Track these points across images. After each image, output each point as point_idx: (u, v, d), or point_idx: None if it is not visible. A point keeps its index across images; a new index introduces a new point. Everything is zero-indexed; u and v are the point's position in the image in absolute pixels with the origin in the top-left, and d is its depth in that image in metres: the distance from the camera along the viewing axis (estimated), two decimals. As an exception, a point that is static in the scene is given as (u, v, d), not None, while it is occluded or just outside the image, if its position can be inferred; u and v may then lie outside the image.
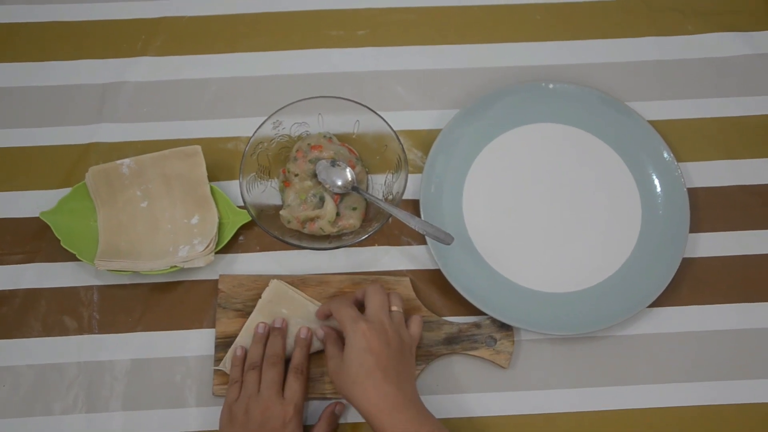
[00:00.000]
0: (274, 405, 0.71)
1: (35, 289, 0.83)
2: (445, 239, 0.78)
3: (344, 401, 0.77)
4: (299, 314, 0.79)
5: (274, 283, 0.80)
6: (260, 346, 0.77)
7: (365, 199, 0.83)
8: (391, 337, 0.71)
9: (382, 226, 0.80)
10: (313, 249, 0.80)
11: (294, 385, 0.73)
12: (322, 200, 0.82)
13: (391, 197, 0.82)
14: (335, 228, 0.81)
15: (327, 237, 0.82)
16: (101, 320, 0.82)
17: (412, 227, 0.79)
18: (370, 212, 0.85)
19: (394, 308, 0.74)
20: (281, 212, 0.82)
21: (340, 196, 0.83)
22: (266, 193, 0.84)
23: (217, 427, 0.76)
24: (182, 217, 0.84)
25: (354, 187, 0.82)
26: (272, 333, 0.78)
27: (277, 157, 0.85)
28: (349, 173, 0.82)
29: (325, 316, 0.77)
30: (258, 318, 0.79)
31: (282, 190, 0.85)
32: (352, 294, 0.78)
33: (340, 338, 0.74)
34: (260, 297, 0.80)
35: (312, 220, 0.81)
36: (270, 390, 0.72)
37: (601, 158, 0.88)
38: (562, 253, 0.84)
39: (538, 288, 0.83)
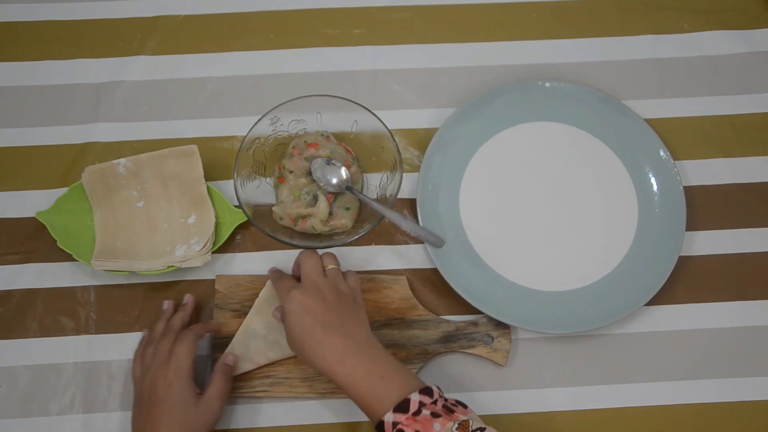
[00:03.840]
0: (158, 372, 0.72)
1: (32, 289, 0.82)
2: (437, 243, 0.78)
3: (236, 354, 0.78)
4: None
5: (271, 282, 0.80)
6: (164, 322, 0.78)
7: (359, 200, 0.83)
8: (327, 292, 0.71)
9: (374, 227, 0.79)
10: (303, 248, 0.80)
11: (175, 349, 0.73)
12: (315, 198, 0.82)
13: (385, 198, 0.82)
14: (327, 227, 0.81)
15: (318, 236, 0.82)
16: (98, 320, 0.82)
17: (404, 230, 0.79)
18: (364, 213, 0.84)
19: (329, 267, 0.74)
20: (274, 208, 0.82)
21: (334, 195, 0.83)
22: (261, 188, 0.84)
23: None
24: (179, 216, 0.84)
25: (348, 187, 0.82)
26: (179, 309, 0.80)
27: (274, 154, 0.85)
28: (343, 172, 0.82)
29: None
30: (255, 318, 0.79)
31: (276, 187, 0.85)
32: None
33: None
34: (257, 297, 0.80)
35: (304, 217, 0.81)
36: (156, 359, 0.73)
37: (597, 157, 0.88)
38: (559, 252, 0.84)
39: (535, 286, 0.83)
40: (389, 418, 0.63)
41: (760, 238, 0.86)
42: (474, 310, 0.81)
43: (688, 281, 0.84)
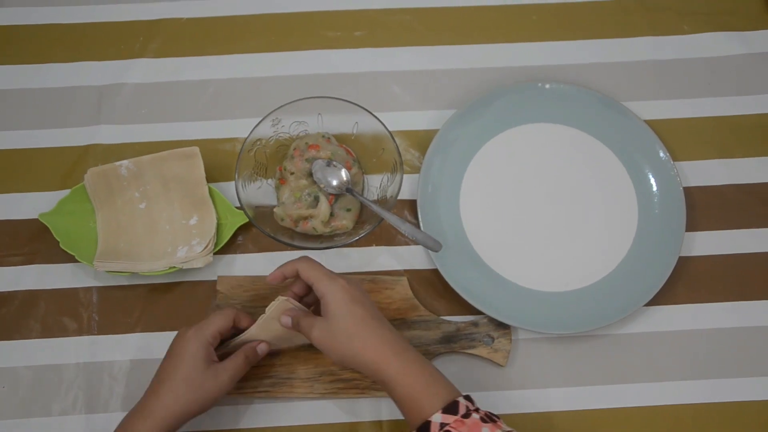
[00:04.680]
0: (183, 330, 0.72)
1: (34, 290, 0.83)
2: (434, 246, 0.78)
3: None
4: (293, 336, 0.76)
5: (280, 300, 0.73)
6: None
7: (360, 201, 0.84)
8: (362, 287, 0.71)
9: (374, 228, 0.80)
10: (304, 248, 0.81)
11: (210, 315, 0.73)
12: (316, 200, 0.82)
13: (385, 199, 0.83)
14: (328, 228, 0.82)
15: (319, 237, 0.83)
16: (100, 321, 0.82)
17: (402, 232, 0.79)
18: (364, 214, 0.85)
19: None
20: (275, 209, 0.83)
21: (335, 196, 0.83)
22: (262, 190, 0.84)
23: (215, 427, 0.77)
24: (181, 218, 0.84)
25: (348, 189, 0.82)
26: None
27: (275, 155, 0.86)
28: (344, 174, 0.82)
29: (284, 278, 0.72)
30: (256, 332, 0.74)
31: (277, 188, 0.85)
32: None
33: (306, 312, 0.72)
34: (260, 303, 0.78)
35: (305, 219, 0.82)
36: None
37: (597, 158, 0.89)
38: (559, 253, 0.84)
39: (535, 287, 0.83)
40: (437, 418, 0.62)
41: (759, 238, 0.86)
42: (474, 311, 0.81)
43: (688, 282, 0.84)
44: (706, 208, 0.87)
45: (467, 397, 0.65)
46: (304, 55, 0.94)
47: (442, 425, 0.62)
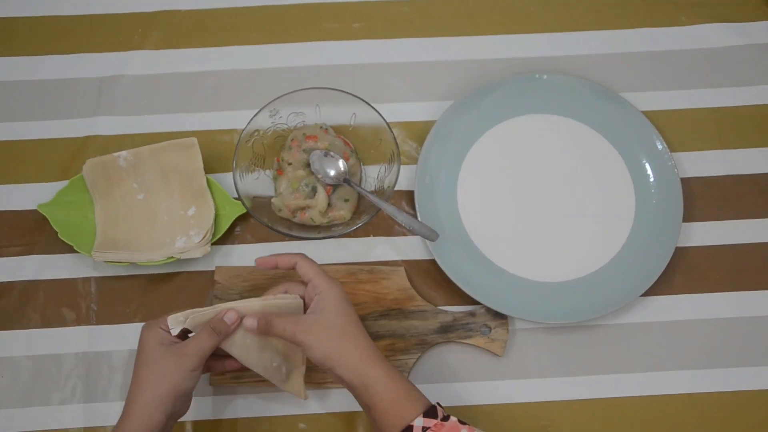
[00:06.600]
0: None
1: (33, 280, 0.83)
2: (430, 236, 0.78)
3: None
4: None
5: (297, 299, 0.72)
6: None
7: (357, 192, 0.84)
8: None
9: (371, 218, 0.80)
10: (302, 239, 0.81)
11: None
12: (314, 190, 0.83)
13: (382, 190, 0.83)
14: (326, 218, 0.82)
15: (317, 227, 0.83)
16: (99, 311, 0.82)
17: (400, 222, 0.79)
18: (362, 204, 0.85)
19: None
20: (273, 200, 0.83)
21: (333, 187, 0.83)
22: (260, 181, 0.85)
23: (214, 417, 0.78)
24: (179, 208, 0.85)
25: (346, 179, 0.82)
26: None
27: (273, 146, 0.86)
28: (341, 165, 0.83)
29: (276, 266, 0.71)
30: (257, 304, 0.71)
31: (275, 179, 0.85)
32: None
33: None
34: (277, 287, 0.73)
35: (303, 209, 0.82)
36: None
37: (594, 149, 0.89)
38: (556, 243, 0.85)
39: (532, 277, 0.83)
40: (419, 422, 0.63)
41: (757, 229, 0.86)
42: (471, 301, 0.81)
43: (685, 272, 0.84)
44: (704, 198, 0.87)
45: (439, 405, 0.66)
46: (302, 47, 0.94)
47: (424, 429, 0.63)
